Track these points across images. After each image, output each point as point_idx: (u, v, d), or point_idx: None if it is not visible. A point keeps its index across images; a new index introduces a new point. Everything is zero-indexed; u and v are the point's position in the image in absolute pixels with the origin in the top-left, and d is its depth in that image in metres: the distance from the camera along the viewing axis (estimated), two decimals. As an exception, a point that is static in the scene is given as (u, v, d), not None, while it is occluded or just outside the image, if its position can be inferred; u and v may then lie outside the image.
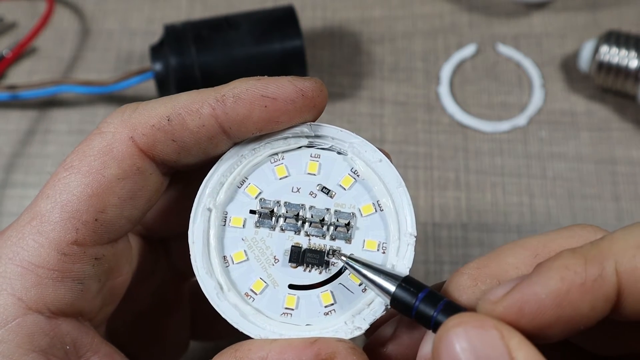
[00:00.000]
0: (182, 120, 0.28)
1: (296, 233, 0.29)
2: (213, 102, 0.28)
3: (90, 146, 0.28)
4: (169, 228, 0.34)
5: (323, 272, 0.28)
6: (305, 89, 0.28)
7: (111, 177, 0.28)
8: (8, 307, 0.27)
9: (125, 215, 0.29)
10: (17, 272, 0.27)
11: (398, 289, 0.26)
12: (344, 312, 0.28)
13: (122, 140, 0.28)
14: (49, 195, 0.28)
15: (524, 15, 0.55)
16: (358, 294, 0.28)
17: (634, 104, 0.51)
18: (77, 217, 0.28)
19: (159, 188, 0.30)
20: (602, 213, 0.48)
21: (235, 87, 0.28)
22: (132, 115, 0.29)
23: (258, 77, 0.29)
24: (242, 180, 0.29)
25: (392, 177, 0.29)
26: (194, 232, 0.29)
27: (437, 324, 0.25)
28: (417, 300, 0.25)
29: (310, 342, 0.26)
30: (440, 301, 0.25)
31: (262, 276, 0.28)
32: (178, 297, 0.37)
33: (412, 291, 0.26)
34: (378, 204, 0.29)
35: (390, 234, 0.29)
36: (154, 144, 0.28)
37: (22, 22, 0.55)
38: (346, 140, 0.29)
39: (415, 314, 0.25)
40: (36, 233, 0.27)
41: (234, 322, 0.28)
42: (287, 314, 0.28)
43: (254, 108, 0.28)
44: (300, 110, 0.29)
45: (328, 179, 0.29)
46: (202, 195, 0.29)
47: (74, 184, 0.28)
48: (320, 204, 0.29)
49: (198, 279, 0.28)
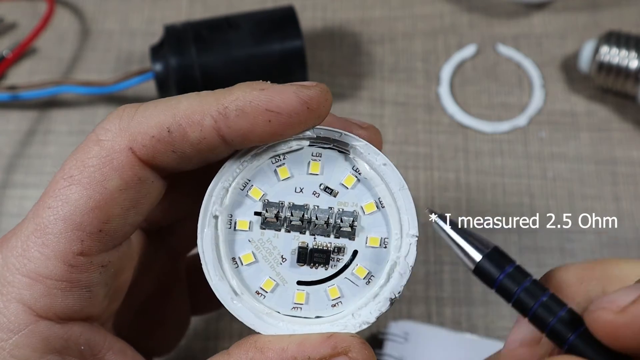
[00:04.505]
0: (183, 132, 0.28)
1: (301, 233, 0.29)
2: (215, 114, 0.27)
3: (88, 155, 0.28)
4: (169, 218, 0.34)
5: (329, 268, 0.29)
6: (310, 101, 0.28)
7: (113, 189, 0.28)
8: (19, 315, 0.27)
9: (129, 222, 0.29)
10: (25, 283, 0.27)
11: (484, 259, 0.26)
12: (351, 304, 0.29)
13: (121, 150, 0.28)
14: (50, 205, 0.28)
15: (524, 15, 0.55)
16: (363, 286, 0.29)
17: (634, 105, 0.51)
18: (81, 229, 0.27)
19: (161, 191, 0.30)
20: (602, 213, 0.48)
21: (239, 98, 0.27)
22: (130, 122, 0.28)
23: (262, 86, 0.28)
24: (245, 183, 0.30)
25: (394, 179, 0.29)
26: (204, 241, 0.29)
27: (522, 304, 0.25)
28: (502, 274, 0.26)
29: (327, 337, 0.27)
30: (544, 293, 0.25)
31: (271, 275, 0.29)
32: (175, 279, 0.37)
33: (499, 264, 0.26)
34: (380, 201, 0.29)
35: (392, 231, 0.29)
36: (154, 155, 0.28)
37: (22, 22, 0.55)
38: (349, 143, 0.30)
39: (498, 287, 0.26)
40: (41, 245, 0.27)
41: (250, 324, 0.28)
42: (297, 307, 0.29)
43: (257, 122, 0.27)
44: (305, 122, 0.28)
45: (330, 178, 0.30)
46: (207, 204, 0.29)
47: (76, 196, 0.27)
48: (324, 203, 0.29)
49: (211, 285, 0.29)
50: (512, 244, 0.47)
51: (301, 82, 0.28)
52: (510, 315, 0.45)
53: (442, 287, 0.46)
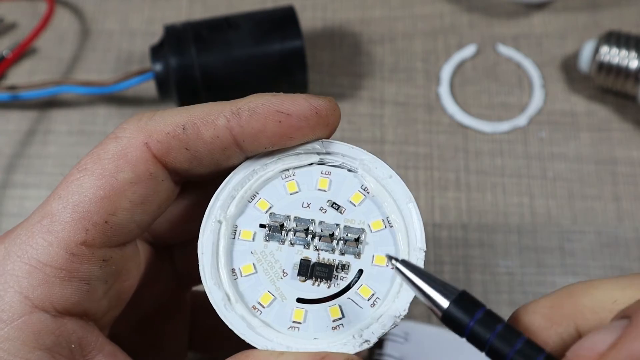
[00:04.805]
0: (197, 129, 0.29)
1: (305, 247, 0.29)
2: (229, 114, 0.28)
3: (105, 150, 0.29)
4: (177, 236, 0.35)
5: (332, 286, 0.28)
6: (320, 108, 0.29)
7: (124, 181, 0.28)
8: (14, 305, 0.27)
9: (135, 219, 0.29)
10: (25, 270, 0.27)
11: (452, 305, 0.24)
12: (352, 326, 0.28)
13: (137, 145, 0.29)
14: (61, 195, 0.28)
15: (524, 15, 0.55)
16: (367, 309, 0.28)
17: (634, 105, 0.51)
18: (87, 218, 0.28)
19: (170, 195, 0.30)
20: (603, 213, 0.48)
21: (251, 101, 0.29)
22: (148, 122, 0.29)
23: (274, 93, 0.29)
24: (253, 195, 0.29)
25: (402, 193, 0.29)
26: (204, 243, 0.29)
27: (496, 352, 0.23)
28: (472, 321, 0.24)
29: (319, 357, 0.26)
30: (519, 338, 0.24)
31: (270, 289, 0.28)
32: (179, 305, 0.37)
33: (468, 310, 0.24)
34: (388, 220, 0.29)
35: (400, 249, 0.28)
36: (168, 151, 0.29)
37: (22, 22, 0.55)
38: (357, 157, 0.30)
39: (469, 335, 0.24)
40: (46, 232, 0.28)
41: (241, 333, 0.27)
42: (295, 327, 0.28)
43: (268, 122, 0.28)
44: (314, 128, 0.29)
45: (338, 195, 0.29)
46: (212, 208, 0.29)
47: (87, 185, 0.28)
48: (330, 219, 0.29)
49: (206, 289, 0.28)
50: (512, 244, 0.47)
51: (312, 95, 0.29)
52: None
53: (442, 287, 0.46)
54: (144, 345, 0.36)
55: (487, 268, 0.46)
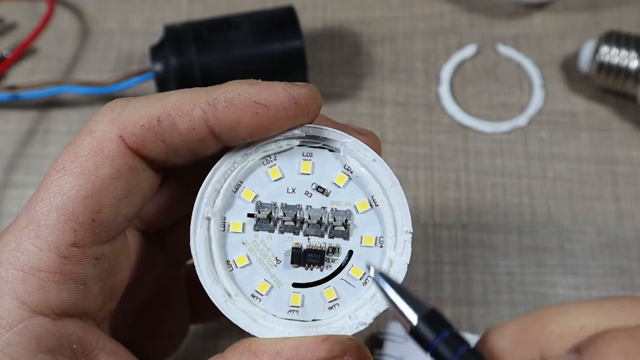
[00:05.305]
0: (172, 121, 0.28)
1: (295, 234, 0.29)
2: (204, 105, 0.28)
3: (80, 146, 0.28)
4: (166, 219, 0.34)
5: (324, 269, 0.29)
6: (299, 97, 0.28)
7: (105, 177, 0.28)
8: (13, 311, 0.27)
9: (121, 213, 0.29)
10: (19, 277, 0.27)
11: (421, 321, 0.25)
12: (348, 305, 0.29)
13: (112, 139, 0.28)
14: (43, 198, 0.28)
15: (524, 15, 0.55)
16: (359, 287, 0.29)
17: (634, 105, 0.51)
18: (73, 219, 0.27)
19: (153, 184, 0.30)
20: (602, 213, 0.48)
21: (228, 91, 0.28)
22: (121, 113, 0.28)
23: (251, 82, 0.28)
24: (237, 185, 0.30)
25: (386, 176, 0.29)
26: (196, 243, 0.29)
27: None
28: (437, 339, 0.24)
29: (322, 340, 0.27)
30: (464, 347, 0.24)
31: (266, 277, 0.29)
32: (175, 285, 0.37)
33: (436, 328, 0.24)
34: (373, 199, 0.29)
35: (387, 229, 0.29)
36: (144, 144, 0.28)
37: (22, 22, 0.55)
38: (338, 140, 0.30)
39: (433, 353, 0.24)
40: (34, 237, 0.27)
41: (245, 327, 0.28)
42: (294, 311, 0.29)
43: (245, 114, 0.28)
44: (293, 118, 0.28)
45: (322, 177, 0.30)
46: (199, 205, 0.29)
47: (68, 185, 0.28)
48: (317, 203, 0.29)
49: (205, 288, 0.29)
50: (512, 244, 0.47)
51: (291, 82, 0.29)
52: (510, 317, 0.45)
53: (442, 287, 0.46)
54: (146, 331, 0.36)
55: (487, 268, 0.46)
